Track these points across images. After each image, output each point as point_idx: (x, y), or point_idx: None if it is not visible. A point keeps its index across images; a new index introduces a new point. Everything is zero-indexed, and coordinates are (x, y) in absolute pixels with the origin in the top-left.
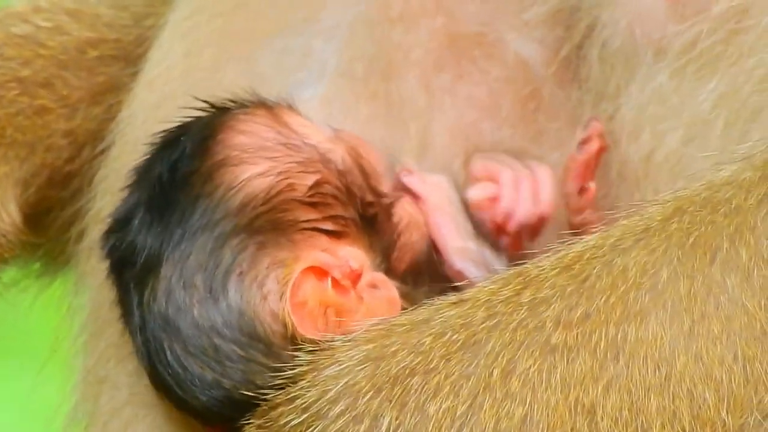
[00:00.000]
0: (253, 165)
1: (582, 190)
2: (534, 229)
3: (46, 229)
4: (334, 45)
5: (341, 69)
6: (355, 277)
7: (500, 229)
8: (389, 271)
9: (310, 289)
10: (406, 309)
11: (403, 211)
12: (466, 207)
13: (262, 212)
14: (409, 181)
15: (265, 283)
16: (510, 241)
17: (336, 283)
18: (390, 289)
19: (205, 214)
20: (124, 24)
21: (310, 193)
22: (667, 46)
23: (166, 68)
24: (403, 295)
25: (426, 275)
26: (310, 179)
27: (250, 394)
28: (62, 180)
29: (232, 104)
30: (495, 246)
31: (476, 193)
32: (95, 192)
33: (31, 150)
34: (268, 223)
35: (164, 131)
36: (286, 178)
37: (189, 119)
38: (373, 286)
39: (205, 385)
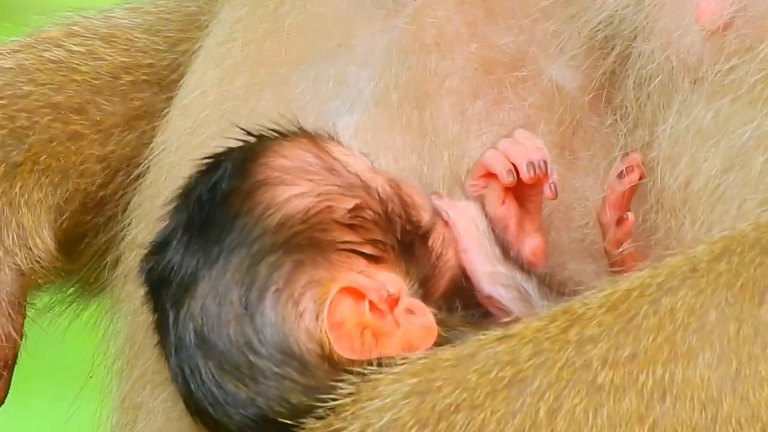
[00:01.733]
0: (293, 186)
1: (620, 221)
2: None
3: (80, 255)
4: (368, 72)
5: (376, 97)
6: (392, 302)
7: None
8: (426, 298)
9: (348, 310)
10: (443, 336)
11: (440, 239)
12: (494, 231)
13: (300, 230)
14: (439, 204)
15: (301, 301)
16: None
17: (373, 306)
18: (427, 315)
19: (243, 231)
20: (158, 49)
21: (349, 216)
22: (704, 77)
23: (200, 94)
24: (439, 322)
25: (460, 302)
26: (350, 203)
27: (283, 413)
28: (96, 206)
29: (274, 132)
30: (525, 269)
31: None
32: (130, 218)
33: (64, 176)
34: (306, 241)
35: (204, 158)
36: (326, 200)
37: (229, 147)
38: (410, 312)
39: (239, 404)
